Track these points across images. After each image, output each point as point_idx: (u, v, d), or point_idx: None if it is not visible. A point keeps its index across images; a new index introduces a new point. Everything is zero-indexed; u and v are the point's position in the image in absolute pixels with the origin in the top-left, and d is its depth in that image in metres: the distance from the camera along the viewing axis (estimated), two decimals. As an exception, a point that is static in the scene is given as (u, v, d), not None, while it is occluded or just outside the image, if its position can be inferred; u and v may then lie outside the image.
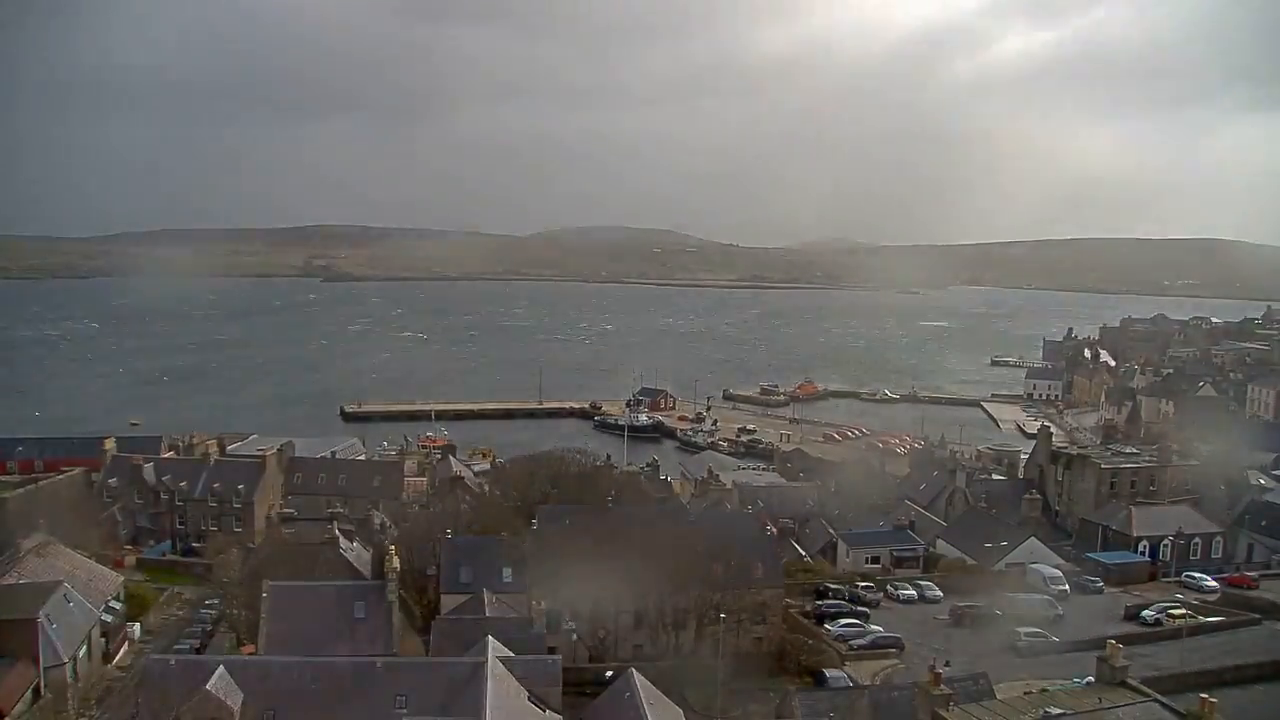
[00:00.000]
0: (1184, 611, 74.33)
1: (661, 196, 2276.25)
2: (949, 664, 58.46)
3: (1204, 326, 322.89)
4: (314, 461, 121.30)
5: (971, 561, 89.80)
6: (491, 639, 50.59)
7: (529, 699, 47.45)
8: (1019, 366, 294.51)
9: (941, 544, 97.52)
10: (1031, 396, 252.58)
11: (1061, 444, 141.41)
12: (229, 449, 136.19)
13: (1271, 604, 76.57)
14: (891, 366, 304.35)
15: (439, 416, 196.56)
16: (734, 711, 58.25)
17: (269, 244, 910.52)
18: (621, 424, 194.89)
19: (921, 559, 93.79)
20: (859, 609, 76.29)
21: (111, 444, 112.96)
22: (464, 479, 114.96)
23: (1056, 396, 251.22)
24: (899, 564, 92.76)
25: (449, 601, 66.08)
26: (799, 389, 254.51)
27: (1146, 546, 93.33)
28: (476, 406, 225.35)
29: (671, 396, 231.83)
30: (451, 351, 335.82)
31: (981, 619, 73.60)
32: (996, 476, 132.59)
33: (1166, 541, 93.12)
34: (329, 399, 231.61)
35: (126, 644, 71.47)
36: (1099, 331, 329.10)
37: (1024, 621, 72.05)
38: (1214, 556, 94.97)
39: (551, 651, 57.73)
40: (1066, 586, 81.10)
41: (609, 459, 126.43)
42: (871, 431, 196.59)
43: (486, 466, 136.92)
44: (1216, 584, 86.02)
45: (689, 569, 67.33)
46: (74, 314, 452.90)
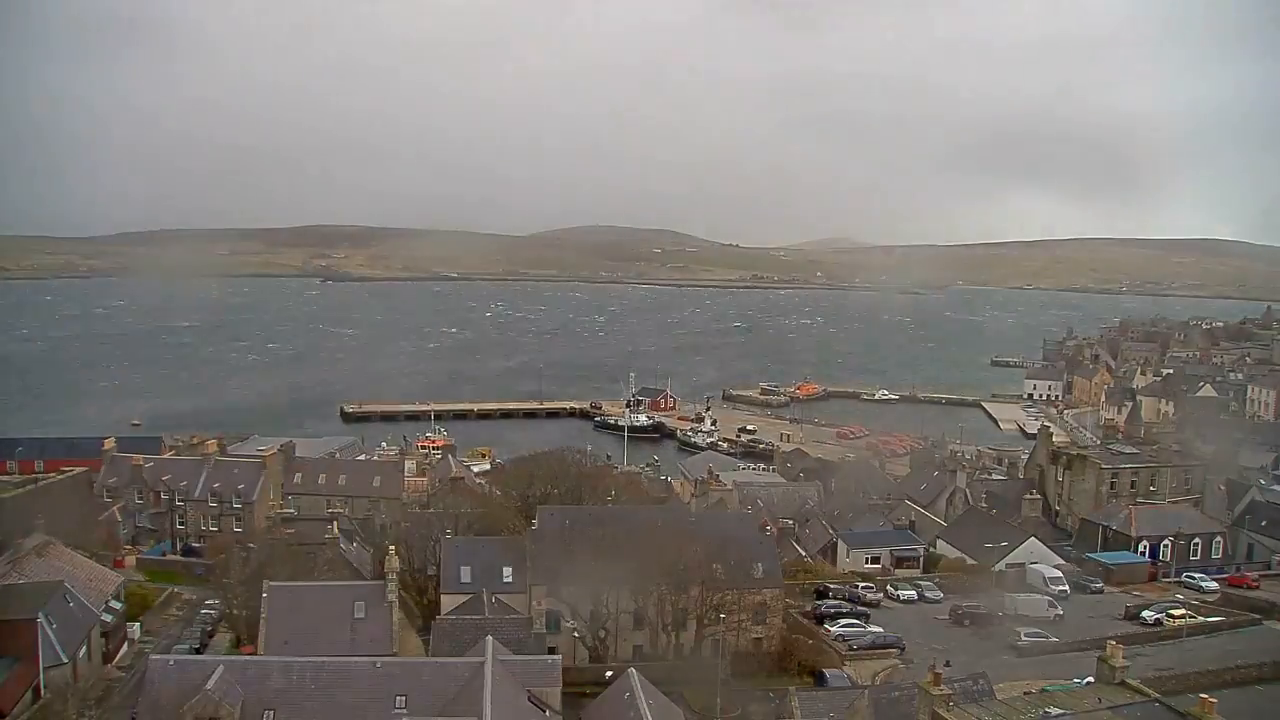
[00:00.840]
0: (1184, 611, 74.48)
1: (662, 196, 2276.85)
2: (949, 664, 58.55)
3: (1204, 327, 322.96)
4: (314, 461, 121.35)
5: (971, 561, 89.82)
6: (491, 639, 50.59)
7: (529, 699, 47.48)
8: (1019, 366, 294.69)
9: (941, 544, 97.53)
10: (1031, 396, 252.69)
11: (1061, 444, 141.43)
12: (229, 449, 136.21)
13: (1271, 604, 76.77)
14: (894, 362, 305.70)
15: (439, 416, 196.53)
16: (734, 711, 58.20)
17: (269, 244, 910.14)
18: (621, 424, 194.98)
19: (921, 559, 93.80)
20: (859, 609, 76.37)
21: (111, 444, 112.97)
22: (464, 479, 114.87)
23: (1056, 396, 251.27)
24: (899, 564, 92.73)
25: (449, 601, 66.05)
26: (799, 389, 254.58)
27: (1146, 546, 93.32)
28: (476, 406, 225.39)
29: (671, 396, 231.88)
30: (457, 352, 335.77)
31: (981, 619, 73.70)
32: (996, 476, 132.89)
33: (1166, 541, 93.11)
34: (329, 399, 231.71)
35: (126, 644, 71.36)
36: (1099, 331, 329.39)
37: (1024, 622, 72.21)
38: (1214, 556, 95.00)
39: (551, 651, 57.81)
40: (1066, 587, 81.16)
41: (609, 459, 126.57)
42: (871, 431, 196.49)
43: (486, 466, 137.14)
44: (1216, 584, 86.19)
45: (689, 569, 67.33)
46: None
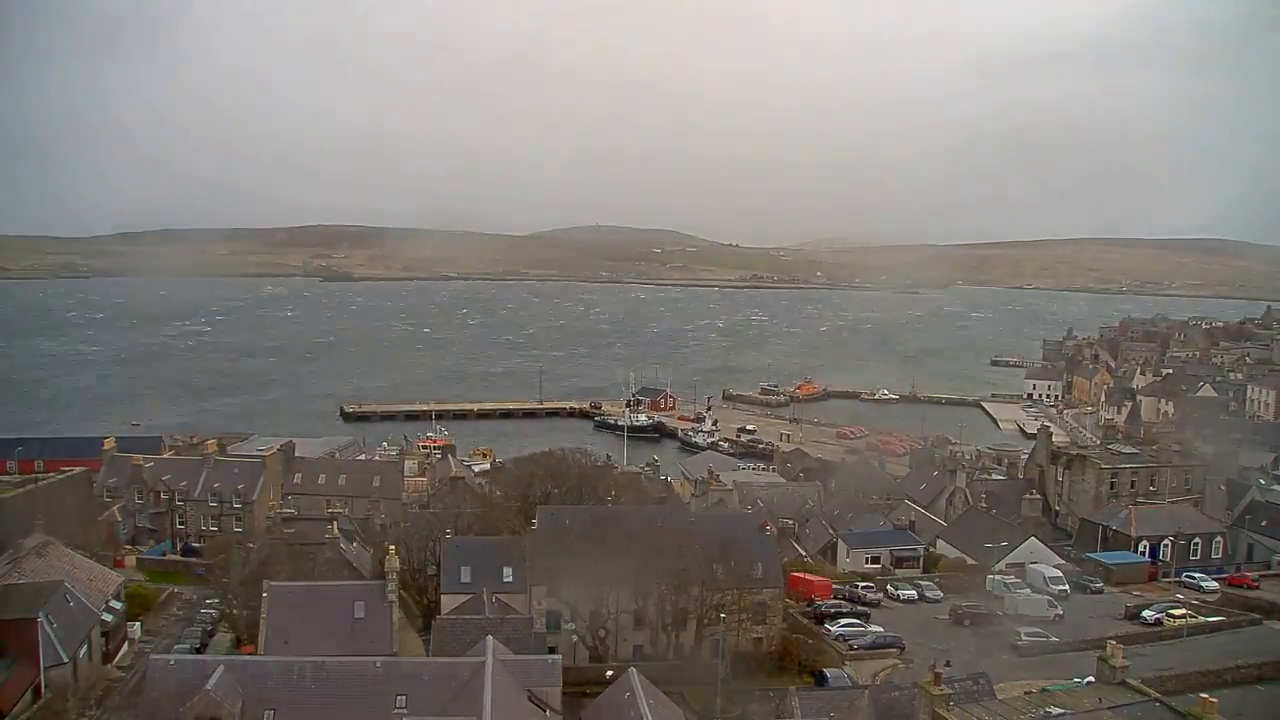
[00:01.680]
0: (1184, 611, 74.47)
1: (662, 196, 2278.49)
2: (949, 664, 58.54)
3: (1204, 326, 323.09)
4: (314, 461, 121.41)
5: (971, 561, 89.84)
6: (491, 639, 50.64)
7: (529, 699, 47.48)
8: (1019, 366, 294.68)
9: (941, 544, 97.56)
10: (1031, 396, 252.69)
11: (1061, 444, 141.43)
12: (229, 449, 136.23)
13: (1271, 604, 76.78)
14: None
15: (439, 416, 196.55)
16: (734, 711, 58.20)
17: (269, 244, 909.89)
18: (621, 424, 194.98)
19: (921, 559, 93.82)
20: (859, 609, 76.39)
21: (111, 444, 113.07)
22: (464, 479, 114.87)
23: (1056, 396, 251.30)
24: (899, 564, 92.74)
25: (449, 601, 66.07)
26: (799, 389, 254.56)
27: (1146, 546, 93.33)
28: (476, 406, 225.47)
29: (671, 396, 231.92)
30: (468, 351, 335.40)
31: (981, 619, 73.69)
32: (996, 476, 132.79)
33: (1166, 541, 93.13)
34: (329, 399, 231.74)
35: (126, 644, 71.40)
36: (1099, 331, 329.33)
37: (1024, 621, 72.20)
38: (1214, 556, 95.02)
39: (551, 651, 57.83)
40: (1066, 586, 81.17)
41: (609, 459, 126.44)
42: (872, 432, 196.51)
43: (486, 466, 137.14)
44: (1216, 584, 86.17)
45: (689, 569, 67.32)
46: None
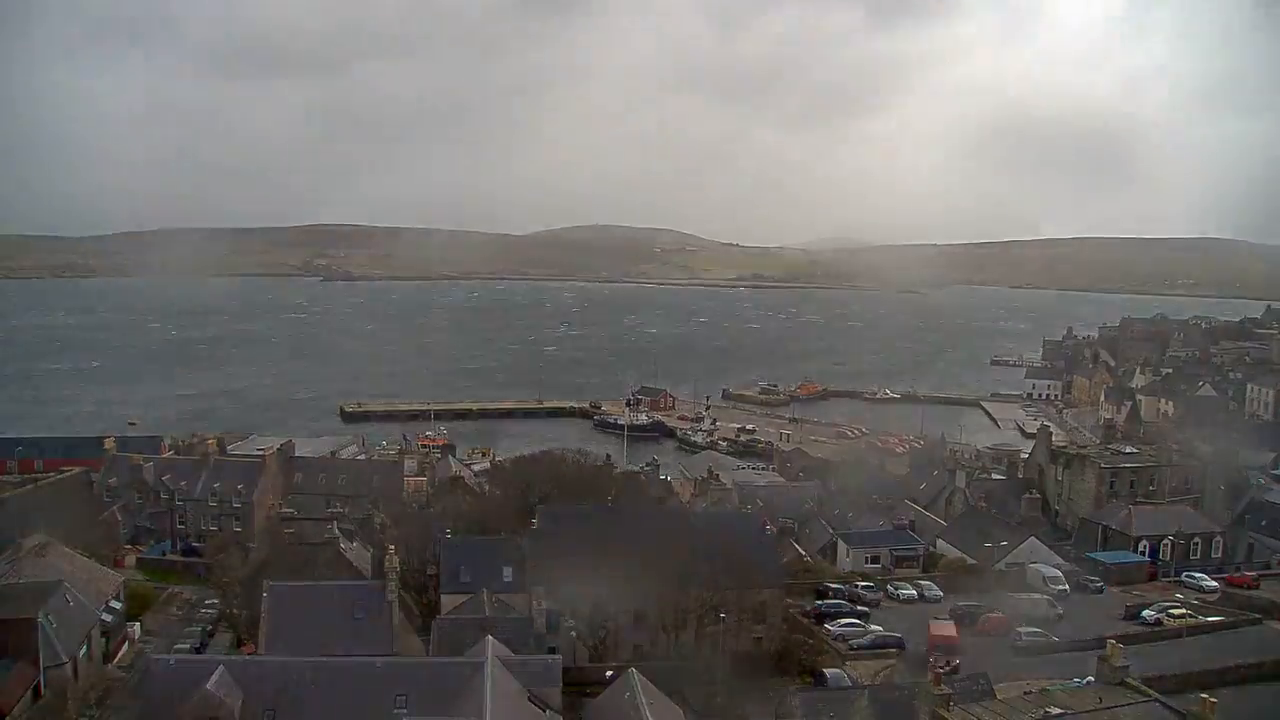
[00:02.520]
0: (1184, 611, 74.41)
1: (663, 196, 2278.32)
2: (949, 664, 58.51)
3: (1204, 326, 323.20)
4: (314, 461, 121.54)
5: (971, 561, 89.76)
6: (491, 639, 50.59)
7: (529, 699, 47.46)
8: (1019, 366, 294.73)
9: (941, 544, 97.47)
10: (1031, 396, 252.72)
11: (1061, 444, 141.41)
12: (229, 449, 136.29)
13: (1271, 604, 76.66)
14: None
15: (439, 416, 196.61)
16: (734, 711, 58.19)
17: (269, 244, 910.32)
18: (621, 424, 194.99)
19: (921, 559, 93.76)
20: (859, 609, 76.34)
21: (111, 444, 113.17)
22: (464, 479, 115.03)
23: (1056, 396, 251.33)
24: (899, 564, 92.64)
25: (449, 601, 66.03)
26: (799, 389, 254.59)
27: (1146, 546, 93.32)
28: (476, 406, 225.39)
29: (671, 396, 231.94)
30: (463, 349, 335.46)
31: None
32: (996, 476, 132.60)
33: (1166, 541, 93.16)
34: (328, 399, 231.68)
35: (126, 644, 71.37)
36: (1099, 331, 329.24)
37: (1024, 621, 72.14)
38: (1214, 556, 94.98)
39: (551, 651, 57.79)
40: (1066, 586, 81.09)
41: (609, 459, 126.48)
42: (871, 431, 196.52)
43: (486, 466, 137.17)
44: (1216, 584, 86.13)
45: (689, 569, 67.28)
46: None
